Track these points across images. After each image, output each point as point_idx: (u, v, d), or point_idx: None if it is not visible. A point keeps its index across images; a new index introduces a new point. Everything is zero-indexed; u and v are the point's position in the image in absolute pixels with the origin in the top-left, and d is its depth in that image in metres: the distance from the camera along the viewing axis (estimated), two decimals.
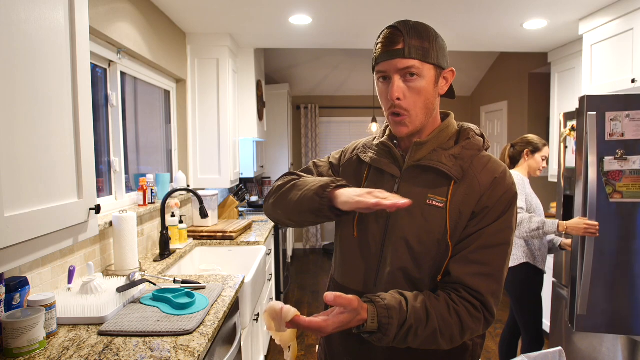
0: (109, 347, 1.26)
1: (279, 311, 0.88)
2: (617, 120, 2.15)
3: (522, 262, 2.43)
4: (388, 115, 1.02)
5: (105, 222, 1.96)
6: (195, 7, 2.73)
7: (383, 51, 0.98)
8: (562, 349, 1.07)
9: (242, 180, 4.88)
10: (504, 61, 4.99)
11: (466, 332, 0.94)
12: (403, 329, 0.89)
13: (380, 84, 1.02)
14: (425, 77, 0.97)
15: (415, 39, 0.96)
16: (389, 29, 0.99)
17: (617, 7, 2.61)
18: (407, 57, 0.95)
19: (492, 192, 0.98)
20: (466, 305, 0.94)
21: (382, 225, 1.03)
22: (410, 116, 0.99)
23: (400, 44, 0.96)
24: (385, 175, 1.07)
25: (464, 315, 0.93)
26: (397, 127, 1.02)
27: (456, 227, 0.98)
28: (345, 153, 1.22)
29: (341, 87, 5.91)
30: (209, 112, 3.29)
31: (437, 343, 0.93)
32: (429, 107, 1.01)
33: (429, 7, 2.75)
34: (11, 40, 0.98)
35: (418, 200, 1.00)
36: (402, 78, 0.97)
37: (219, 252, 2.84)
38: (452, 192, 0.98)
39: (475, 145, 1.03)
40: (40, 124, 1.08)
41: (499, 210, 0.97)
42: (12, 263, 0.99)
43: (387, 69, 0.98)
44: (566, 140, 2.98)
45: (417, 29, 0.97)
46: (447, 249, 0.98)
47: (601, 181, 2.17)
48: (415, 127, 1.01)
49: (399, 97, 0.97)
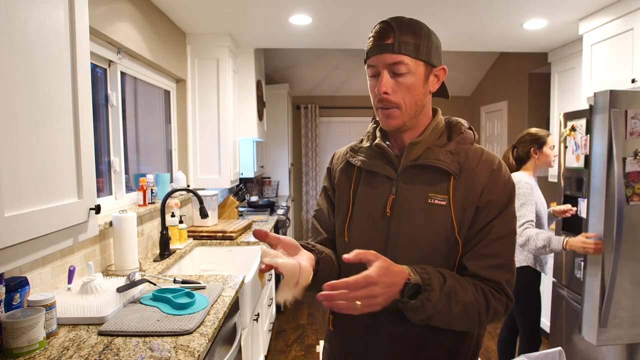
0: (109, 347, 1.26)
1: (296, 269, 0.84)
2: (637, 119, 2.06)
3: (523, 265, 2.42)
4: (377, 109, 1.02)
5: (105, 222, 1.96)
6: (195, 7, 2.73)
7: (373, 45, 0.98)
8: (561, 349, 1.06)
9: (242, 180, 4.87)
10: (504, 61, 4.98)
11: (490, 313, 0.95)
12: (445, 288, 0.90)
13: (370, 79, 1.02)
14: (415, 73, 0.97)
15: (406, 35, 0.96)
16: (381, 24, 0.99)
17: (617, 7, 2.61)
18: (397, 52, 0.95)
19: (493, 184, 0.99)
20: (489, 288, 0.96)
21: (383, 230, 1.02)
22: (400, 109, 0.99)
23: (390, 38, 0.96)
24: (379, 178, 1.06)
25: (489, 295, 0.95)
26: (386, 120, 1.01)
27: (462, 222, 0.98)
28: (336, 157, 1.21)
29: (341, 87, 5.90)
30: (209, 112, 3.29)
31: (471, 318, 0.93)
32: (419, 104, 1.01)
33: (429, 7, 2.75)
34: (11, 41, 0.98)
35: (419, 200, 1.00)
36: (391, 73, 0.97)
37: (219, 252, 2.84)
38: (452, 188, 0.99)
39: (468, 139, 1.05)
40: (40, 123, 1.08)
41: (502, 203, 0.99)
42: (12, 263, 0.99)
43: (376, 63, 0.98)
44: (566, 140, 2.98)
45: (409, 25, 0.97)
46: (456, 245, 0.98)
47: (622, 183, 2.05)
48: (403, 121, 1.01)
49: (387, 92, 0.97)
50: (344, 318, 1.10)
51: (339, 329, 1.11)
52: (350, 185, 1.11)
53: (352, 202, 1.09)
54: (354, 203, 1.09)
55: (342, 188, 1.13)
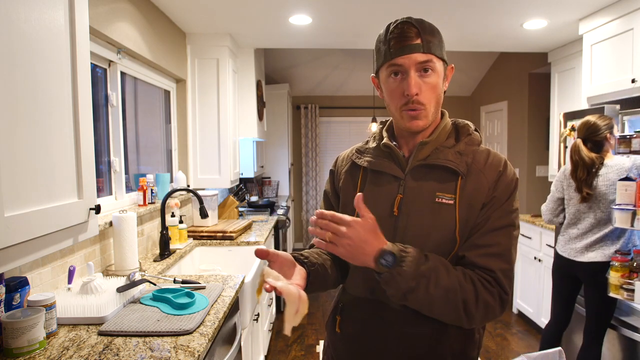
0: (109, 347, 1.26)
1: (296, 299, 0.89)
2: None
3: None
4: (401, 110, 1.00)
5: (105, 222, 1.96)
6: (195, 7, 2.73)
7: (400, 46, 0.97)
8: (561, 349, 1.06)
9: (242, 180, 4.87)
10: (504, 61, 4.98)
11: (479, 304, 0.92)
12: (422, 267, 0.90)
13: (391, 79, 1.00)
14: (438, 72, 0.99)
15: (428, 34, 0.97)
16: (402, 24, 0.98)
17: (617, 7, 2.61)
18: (426, 51, 0.96)
19: (498, 184, 1.00)
20: (479, 278, 0.94)
21: (390, 228, 1.02)
22: (426, 109, 0.99)
23: (418, 38, 0.96)
24: (385, 177, 1.07)
25: (478, 284, 0.93)
26: (413, 122, 1.00)
27: (466, 221, 0.99)
28: (340, 159, 1.22)
29: (341, 87, 5.91)
30: (209, 112, 3.29)
31: (454, 305, 0.91)
32: (439, 103, 1.02)
33: (429, 7, 2.75)
34: (11, 40, 0.98)
35: (427, 199, 1.00)
36: (418, 73, 0.97)
37: (219, 252, 2.84)
38: (460, 188, 0.99)
39: (476, 141, 1.06)
40: (40, 124, 1.08)
41: (503, 198, 1.00)
42: (12, 263, 0.99)
43: (404, 62, 0.97)
44: (566, 140, 2.98)
45: (427, 24, 0.99)
46: (455, 243, 0.99)
47: None
48: (429, 121, 1.02)
49: (417, 92, 0.97)
50: (352, 319, 1.10)
51: (346, 331, 1.11)
52: (357, 186, 1.11)
53: None
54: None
55: (348, 189, 1.13)
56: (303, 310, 0.89)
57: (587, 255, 2.37)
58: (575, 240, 2.44)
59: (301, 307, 0.89)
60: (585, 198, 2.37)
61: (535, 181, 4.53)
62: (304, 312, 0.90)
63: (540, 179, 4.50)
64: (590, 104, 2.92)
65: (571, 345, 2.78)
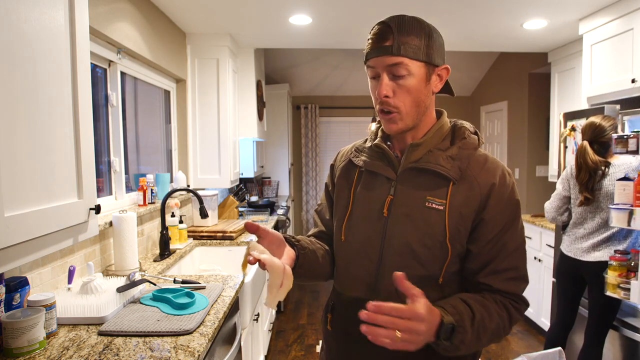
0: (109, 347, 1.26)
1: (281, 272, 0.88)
2: None
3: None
4: (378, 112, 1.01)
5: (105, 222, 1.96)
6: (195, 7, 2.73)
7: (372, 47, 0.97)
8: (561, 349, 1.07)
9: (242, 180, 4.87)
10: (504, 61, 4.98)
11: (512, 322, 0.98)
12: (475, 323, 0.90)
13: (370, 81, 1.01)
14: (415, 74, 0.95)
15: (405, 36, 0.94)
16: (379, 25, 0.98)
17: (617, 7, 2.61)
18: (396, 54, 0.94)
19: (498, 195, 0.98)
20: (510, 301, 0.98)
21: (379, 230, 1.02)
22: (400, 113, 0.98)
23: (389, 40, 0.94)
24: (379, 178, 1.06)
25: (510, 308, 0.97)
26: (388, 125, 1.01)
27: (457, 229, 0.97)
28: (340, 154, 1.22)
29: (341, 87, 5.90)
30: (209, 112, 3.29)
31: (497, 336, 0.97)
32: (420, 105, 0.99)
33: (429, 7, 2.75)
34: (11, 40, 0.98)
35: (417, 202, 0.99)
36: (391, 75, 0.96)
37: (219, 252, 2.84)
38: (451, 194, 0.98)
39: (472, 145, 1.03)
40: (40, 123, 1.08)
41: (510, 214, 0.98)
42: (12, 263, 0.99)
43: (375, 65, 0.97)
44: (566, 140, 2.98)
45: (409, 25, 0.96)
46: (446, 251, 0.97)
47: None
48: (406, 124, 1.00)
49: (387, 95, 0.96)
50: (342, 317, 1.10)
51: (337, 329, 1.11)
52: (351, 185, 1.11)
53: (352, 201, 1.09)
54: (353, 202, 1.09)
55: (342, 186, 1.13)
56: (287, 284, 0.88)
57: (594, 255, 2.36)
58: (582, 240, 2.43)
59: (285, 281, 0.88)
60: (583, 202, 2.37)
61: (535, 181, 4.52)
62: (289, 287, 0.89)
63: (540, 179, 4.49)
64: (590, 104, 2.92)
65: (572, 346, 2.78)
